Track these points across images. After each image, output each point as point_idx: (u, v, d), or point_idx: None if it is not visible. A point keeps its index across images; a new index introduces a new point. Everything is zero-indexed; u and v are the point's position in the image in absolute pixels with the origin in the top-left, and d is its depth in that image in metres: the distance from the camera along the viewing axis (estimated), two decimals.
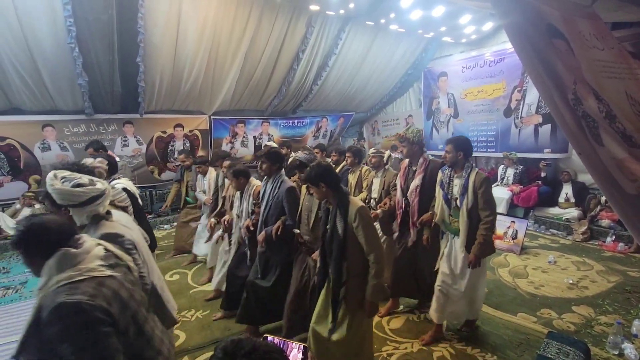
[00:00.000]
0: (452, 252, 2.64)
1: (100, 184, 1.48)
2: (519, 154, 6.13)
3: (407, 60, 7.40)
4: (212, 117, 6.66)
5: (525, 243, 4.77)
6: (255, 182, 2.99)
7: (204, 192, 4.21)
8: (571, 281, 3.69)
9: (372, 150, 3.47)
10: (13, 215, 5.47)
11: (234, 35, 5.23)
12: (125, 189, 2.24)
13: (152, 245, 2.29)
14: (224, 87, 6.08)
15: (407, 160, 3.08)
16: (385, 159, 3.40)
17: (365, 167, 3.63)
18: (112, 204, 1.81)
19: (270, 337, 1.12)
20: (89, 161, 1.97)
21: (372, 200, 3.40)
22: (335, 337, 2.03)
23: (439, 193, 2.70)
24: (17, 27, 4.02)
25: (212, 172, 4.18)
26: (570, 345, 2.31)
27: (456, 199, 2.55)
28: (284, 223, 2.60)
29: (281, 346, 1.09)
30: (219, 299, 3.27)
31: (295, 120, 7.85)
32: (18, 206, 5.53)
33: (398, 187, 3.06)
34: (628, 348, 2.51)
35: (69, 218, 1.44)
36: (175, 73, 5.38)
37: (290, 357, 1.09)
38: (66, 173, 1.44)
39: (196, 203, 4.51)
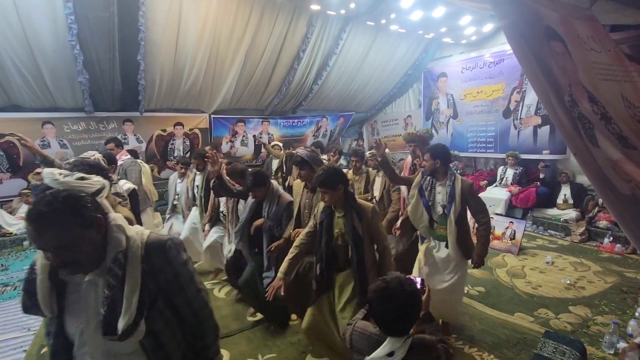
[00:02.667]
0: (437, 252, 2.65)
1: (98, 179, 1.44)
2: None
3: (407, 61, 7.41)
4: (212, 115, 6.67)
5: (523, 244, 4.78)
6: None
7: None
8: (568, 282, 3.71)
9: (368, 154, 3.55)
10: (12, 213, 5.48)
11: (235, 34, 5.23)
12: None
13: None
14: (224, 86, 6.08)
15: (409, 159, 3.14)
16: None
17: (372, 170, 3.66)
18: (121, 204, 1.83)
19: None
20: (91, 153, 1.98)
21: (373, 199, 3.47)
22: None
23: (417, 199, 2.63)
24: (17, 25, 4.02)
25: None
26: (567, 344, 2.32)
27: (444, 206, 2.52)
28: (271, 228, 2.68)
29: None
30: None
31: (295, 120, 7.86)
32: (15, 204, 5.54)
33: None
34: (623, 347, 2.53)
35: None
36: (176, 71, 5.39)
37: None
38: (61, 171, 1.44)
39: None
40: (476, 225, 2.55)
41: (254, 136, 7.45)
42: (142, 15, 4.33)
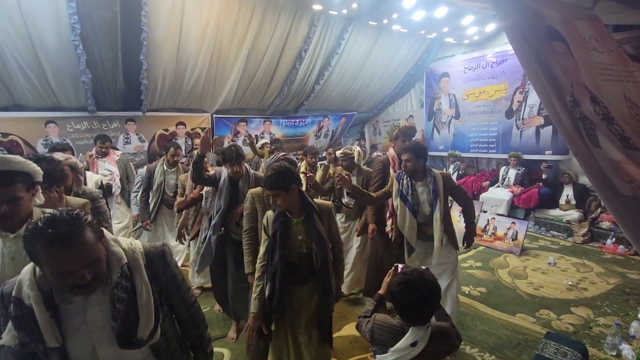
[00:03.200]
0: (430, 257, 2.53)
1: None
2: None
3: (409, 61, 7.40)
4: (214, 115, 6.68)
5: (525, 244, 4.77)
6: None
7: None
8: (570, 282, 3.70)
9: (339, 153, 3.37)
10: None
11: (237, 34, 5.24)
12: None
13: None
14: (227, 86, 6.09)
15: (391, 151, 3.01)
16: (356, 158, 3.28)
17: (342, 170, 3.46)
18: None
19: (400, 265, 1.49)
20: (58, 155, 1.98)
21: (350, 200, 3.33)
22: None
23: (402, 207, 2.46)
24: (20, 24, 4.04)
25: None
26: (568, 345, 2.32)
27: (432, 204, 2.42)
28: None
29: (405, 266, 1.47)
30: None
31: (297, 120, 7.86)
32: None
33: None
34: (625, 349, 2.52)
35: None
36: (178, 71, 5.40)
37: None
38: None
39: None
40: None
41: (247, 135, 7.15)
42: (145, 15, 4.34)
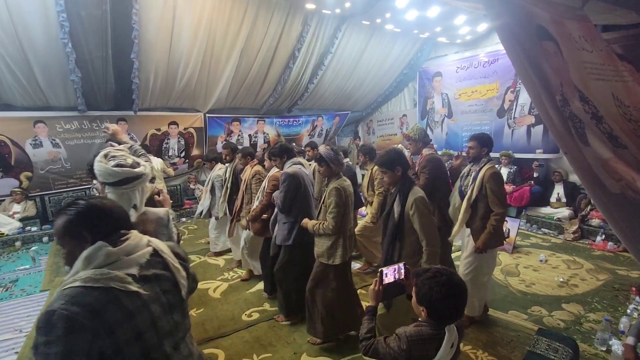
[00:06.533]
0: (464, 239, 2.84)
1: (142, 168, 1.50)
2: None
3: (403, 60, 7.43)
4: (207, 115, 6.63)
5: (517, 242, 4.82)
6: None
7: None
8: (561, 279, 3.75)
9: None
10: (3, 212, 5.41)
11: (230, 33, 5.21)
12: None
13: None
14: (219, 85, 6.05)
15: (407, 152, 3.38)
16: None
17: (376, 167, 3.75)
18: None
19: (384, 269, 1.46)
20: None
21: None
22: None
23: (456, 186, 2.88)
24: (8, 22, 3.96)
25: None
26: (560, 341, 2.34)
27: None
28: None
29: (390, 269, 1.45)
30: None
31: (291, 119, 7.84)
32: (6, 204, 5.47)
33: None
34: (615, 344, 2.56)
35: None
36: (170, 70, 5.34)
37: (397, 273, 1.44)
38: (119, 153, 1.53)
39: None
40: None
41: (249, 135, 7.44)
42: (136, 13, 4.29)
